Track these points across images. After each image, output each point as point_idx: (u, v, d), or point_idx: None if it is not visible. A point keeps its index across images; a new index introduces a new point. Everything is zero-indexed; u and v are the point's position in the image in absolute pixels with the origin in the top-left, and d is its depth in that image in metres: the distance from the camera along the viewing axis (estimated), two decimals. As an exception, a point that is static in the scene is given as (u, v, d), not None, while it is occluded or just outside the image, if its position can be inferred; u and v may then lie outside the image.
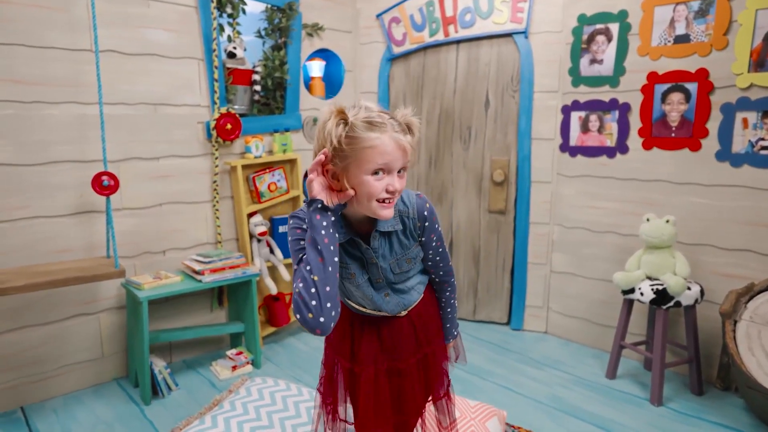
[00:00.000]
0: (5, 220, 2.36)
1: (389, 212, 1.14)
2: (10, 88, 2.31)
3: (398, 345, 1.34)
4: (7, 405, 2.44)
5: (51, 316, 2.54)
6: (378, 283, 1.29)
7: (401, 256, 1.27)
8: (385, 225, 1.22)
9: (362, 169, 1.09)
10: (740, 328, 2.27)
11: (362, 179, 1.09)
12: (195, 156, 2.93)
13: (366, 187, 1.10)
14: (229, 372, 2.83)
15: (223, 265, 2.77)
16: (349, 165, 1.09)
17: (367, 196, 1.11)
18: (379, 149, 1.07)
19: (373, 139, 1.07)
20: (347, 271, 1.25)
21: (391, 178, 1.12)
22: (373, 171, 1.09)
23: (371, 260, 1.25)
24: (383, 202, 1.12)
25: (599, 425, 2.38)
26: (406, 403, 1.35)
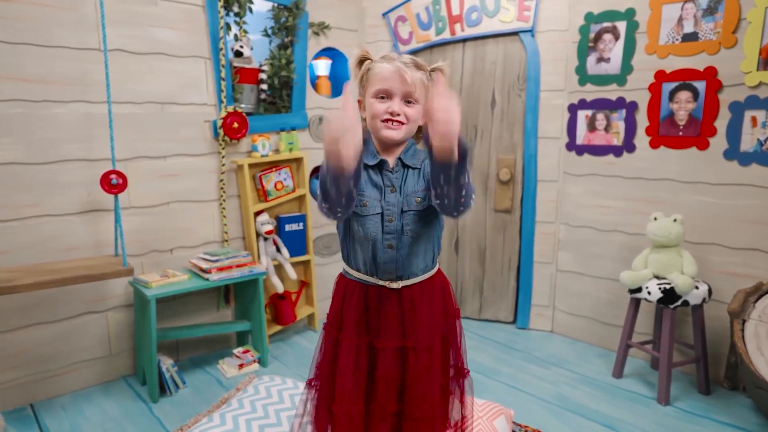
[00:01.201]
0: (15, 218, 2.37)
1: (392, 133, 1.29)
2: (19, 86, 2.32)
3: (378, 323, 1.33)
4: (16, 402, 2.46)
5: (60, 314, 2.56)
6: (389, 222, 1.31)
7: (412, 191, 1.33)
8: (408, 158, 1.35)
9: (369, 92, 1.30)
10: (749, 328, 2.26)
11: (369, 101, 1.30)
12: (202, 155, 2.94)
13: (371, 108, 1.29)
14: (236, 370, 2.84)
15: (230, 263, 2.78)
16: (365, 91, 1.32)
17: (372, 115, 1.29)
18: (380, 75, 1.28)
19: (378, 66, 1.29)
20: (361, 199, 1.30)
21: (392, 102, 1.27)
22: (376, 94, 1.28)
23: (390, 187, 1.32)
24: (386, 122, 1.28)
25: (606, 424, 2.38)
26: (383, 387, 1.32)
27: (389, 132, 1.29)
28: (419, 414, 1.32)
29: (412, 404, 1.32)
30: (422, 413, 1.32)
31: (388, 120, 1.27)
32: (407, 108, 1.28)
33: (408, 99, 1.28)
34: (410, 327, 1.34)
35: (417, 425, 1.33)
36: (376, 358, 1.33)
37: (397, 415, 1.34)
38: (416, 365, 1.33)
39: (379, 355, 1.33)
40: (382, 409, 1.32)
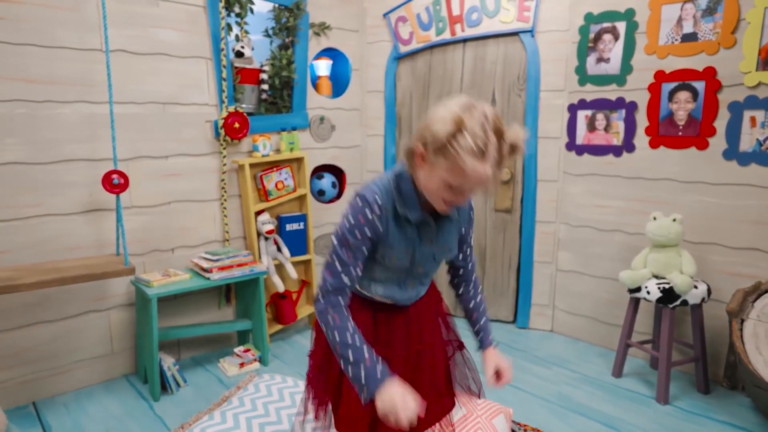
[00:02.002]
0: (17, 218, 2.39)
1: (446, 211, 1.23)
2: (22, 87, 2.34)
3: (391, 335, 1.37)
4: (19, 400, 2.48)
5: (62, 313, 2.57)
6: (418, 270, 1.31)
7: (446, 242, 1.32)
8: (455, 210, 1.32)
9: (445, 174, 1.12)
10: (747, 327, 2.27)
11: (440, 179, 1.14)
12: (203, 155, 2.95)
13: (438, 187, 1.15)
14: (237, 369, 2.85)
15: (231, 263, 2.80)
16: (439, 162, 1.12)
17: (435, 193, 1.17)
18: (468, 176, 1.10)
19: (469, 164, 1.09)
20: (390, 252, 1.25)
21: (461, 196, 1.17)
22: (451, 185, 1.14)
23: (429, 241, 1.28)
24: (443, 204, 1.19)
25: (606, 423, 2.39)
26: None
27: (442, 210, 1.22)
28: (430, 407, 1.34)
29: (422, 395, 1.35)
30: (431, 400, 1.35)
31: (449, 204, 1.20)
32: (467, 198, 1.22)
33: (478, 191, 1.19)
34: (416, 333, 1.40)
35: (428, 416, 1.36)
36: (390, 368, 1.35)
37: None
38: (422, 363, 1.40)
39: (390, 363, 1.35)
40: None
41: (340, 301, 1.23)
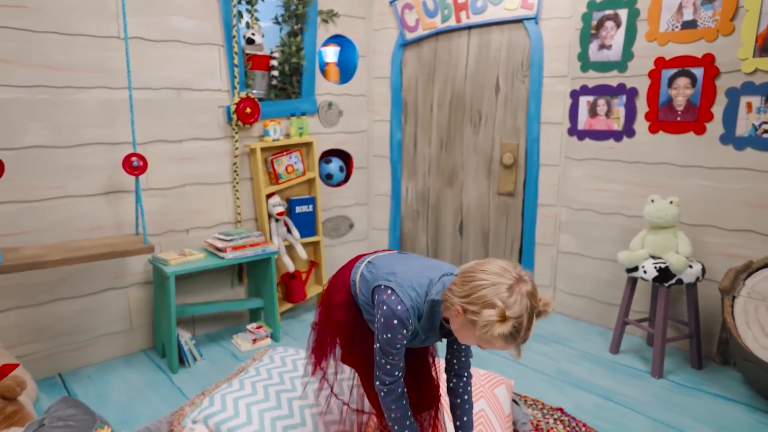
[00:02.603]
0: (42, 198, 2.50)
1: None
2: (44, 73, 2.44)
3: None
4: (46, 372, 2.61)
5: (83, 290, 2.70)
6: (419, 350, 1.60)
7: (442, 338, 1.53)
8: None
9: (476, 339, 1.28)
10: (738, 304, 2.37)
11: (472, 337, 1.29)
12: (216, 139, 3.05)
13: (470, 340, 1.33)
14: (250, 344, 2.98)
15: (244, 243, 2.91)
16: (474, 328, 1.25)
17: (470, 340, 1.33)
18: (496, 347, 1.27)
19: (499, 345, 1.25)
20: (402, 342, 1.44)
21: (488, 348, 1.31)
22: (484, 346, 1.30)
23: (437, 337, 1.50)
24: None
25: (602, 396, 2.51)
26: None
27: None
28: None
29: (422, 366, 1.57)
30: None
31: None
32: None
33: None
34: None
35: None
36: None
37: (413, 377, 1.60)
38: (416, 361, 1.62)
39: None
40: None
41: (400, 393, 1.47)
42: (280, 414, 1.98)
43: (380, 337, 1.40)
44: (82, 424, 1.70)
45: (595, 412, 2.37)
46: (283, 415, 1.98)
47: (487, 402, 2.10)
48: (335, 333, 1.65)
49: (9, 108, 2.36)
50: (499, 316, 1.19)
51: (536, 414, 2.34)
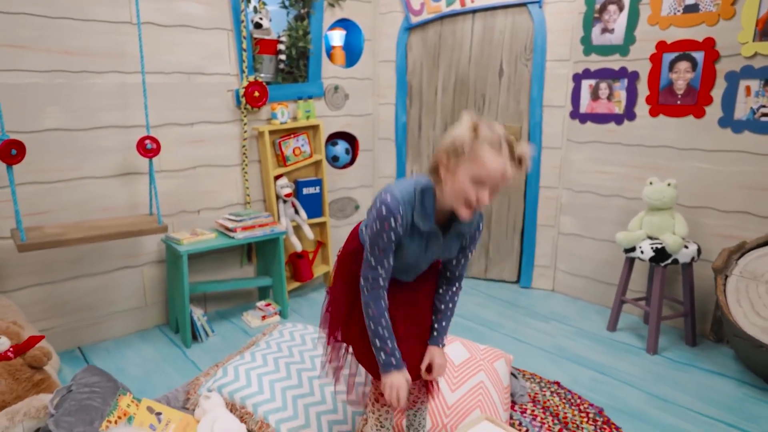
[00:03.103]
0: (60, 180, 2.60)
1: (469, 216, 1.35)
2: (60, 58, 2.52)
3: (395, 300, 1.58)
4: (67, 345, 2.75)
5: (101, 268, 2.81)
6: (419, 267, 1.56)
7: (448, 249, 1.52)
8: (463, 227, 1.47)
9: (468, 173, 1.29)
10: (730, 283, 2.45)
11: (464, 180, 1.30)
12: (225, 122, 3.13)
13: (463, 188, 1.30)
14: (259, 321, 3.10)
15: (253, 223, 3.01)
16: (460, 165, 1.30)
17: (460, 194, 1.32)
18: (488, 166, 1.27)
19: (489, 156, 1.27)
20: (401, 252, 1.47)
21: (484, 192, 1.30)
22: (474, 179, 1.29)
23: (434, 247, 1.48)
24: (468, 206, 1.33)
25: (597, 370, 2.61)
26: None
27: (465, 214, 1.35)
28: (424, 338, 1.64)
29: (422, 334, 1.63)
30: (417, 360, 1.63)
31: (471, 206, 1.32)
32: (490, 197, 1.33)
33: (495, 189, 1.32)
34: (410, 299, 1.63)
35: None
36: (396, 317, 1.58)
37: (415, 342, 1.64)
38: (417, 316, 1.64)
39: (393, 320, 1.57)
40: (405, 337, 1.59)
41: (380, 294, 1.47)
42: (289, 384, 2.10)
43: (370, 231, 1.42)
44: (105, 390, 1.82)
45: (591, 386, 2.48)
46: (292, 385, 2.10)
47: (486, 374, 2.21)
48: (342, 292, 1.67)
49: (28, 92, 2.44)
50: (472, 127, 1.29)
51: (534, 387, 2.45)
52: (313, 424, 1.97)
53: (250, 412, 1.99)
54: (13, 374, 2.00)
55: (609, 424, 2.18)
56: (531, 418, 2.22)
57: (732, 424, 2.19)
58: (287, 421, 1.96)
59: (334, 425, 2.00)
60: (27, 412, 1.79)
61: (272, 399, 2.02)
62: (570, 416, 2.23)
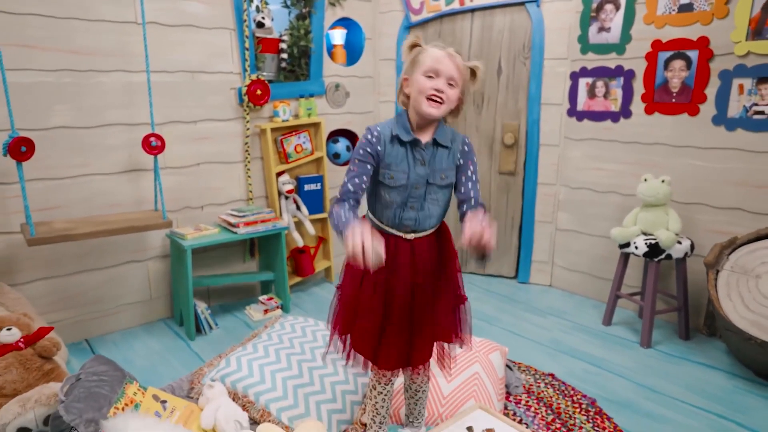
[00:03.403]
0: (67, 176, 2.67)
1: (434, 110, 1.48)
2: (68, 58, 2.58)
3: (395, 263, 1.60)
4: (74, 337, 2.82)
5: (107, 262, 2.89)
6: (415, 189, 1.55)
7: (439, 168, 1.56)
8: (440, 137, 1.55)
9: (419, 70, 1.48)
10: (721, 277, 2.51)
11: (417, 78, 1.49)
12: (228, 120, 3.20)
13: (419, 84, 1.48)
14: (261, 315, 3.17)
15: (255, 219, 3.08)
16: (415, 71, 1.49)
17: (419, 90, 1.48)
18: (433, 56, 1.47)
19: (434, 50, 1.48)
20: (388, 173, 1.54)
21: (439, 81, 1.47)
22: (425, 72, 1.47)
23: (420, 161, 1.54)
24: (430, 99, 1.47)
25: (591, 363, 2.67)
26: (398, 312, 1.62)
27: (431, 109, 1.47)
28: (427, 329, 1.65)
29: (417, 323, 1.64)
30: (429, 329, 1.64)
31: (433, 97, 1.47)
32: (449, 89, 1.48)
33: (450, 82, 1.48)
34: (418, 269, 1.64)
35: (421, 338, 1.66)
36: (393, 291, 1.62)
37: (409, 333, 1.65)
38: (422, 297, 1.65)
39: (395, 289, 1.62)
40: (398, 327, 1.63)
41: (343, 204, 1.51)
42: (290, 374, 2.17)
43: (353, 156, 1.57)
44: (113, 379, 1.89)
45: (584, 377, 2.54)
46: (293, 375, 2.17)
47: (481, 366, 2.27)
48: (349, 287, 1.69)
49: (36, 91, 2.51)
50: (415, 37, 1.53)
51: (528, 378, 2.51)
52: (313, 412, 2.04)
53: (252, 400, 2.06)
54: (24, 364, 2.08)
55: (600, 414, 2.24)
56: (525, 409, 2.28)
57: (721, 414, 2.25)
58: (287, 410, 2.03)
59: (333, 414, 2.07)
60: (38, 399, 1.86)
61: (273, 388, 2.09)
62: (563, 406, 2.29)
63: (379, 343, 1.63)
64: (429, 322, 1.66)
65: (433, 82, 1.47)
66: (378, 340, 1.62)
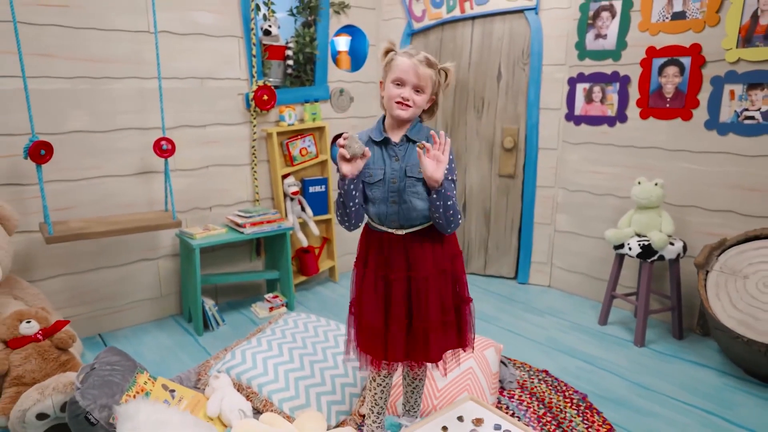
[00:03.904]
0: (82, 178, 2.81)
1: (401, 113, 1.63)
2: (84, 65, 2.72)
3: (390, 259, 1.70)
4: (88, 332, 2.95)
5: (120, 260, 3.02)
6: (392, 184, 1.66)
7: (414, 162, 1.65)
8: (412, 134, 1.68)
9: (389, 78, 1.65)
10: (711, 278, 2.58)
11: (389, 86, 1.64)
12: (236, 124, 3.32)
13: (388, 91, 1.64)
14: (267, 312, 3.28)
15: (261, 219, 3.19)
16: (386, 79, 1.66)
17: (388, 97, 1.64)
18: (399, 67, 1.61)
19: (401, 59, 1.62)
20: (367, 171, 1.65)
21: (405, 89, 1.61)
22: (394, 81, 1.62)
23: (394, 158, 1.67)
24: (398, 104, 1.62)
25: (585, 360, 2.75)
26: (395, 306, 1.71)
27: (399, 111, 1.63)
28: (420, 325, 1.71)
29: (416, 318, 1.72)
30: (423, 324, 1.71)
31: (400, 102, 1.62)
32: (415, 95, 1.62)
33: (417, 89, 1.62)
34: (412, 263, 1.72)
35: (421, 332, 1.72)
36: (390, 287, 1.72)
37: (407, 326, 1.73)
38: (417, 290, 1.73)
39: (392, 284, 1.72)
40: (398, 322, 1.71)
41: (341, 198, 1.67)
42: (292, 367, 2.27)
43: None
44: (125, 369, 2.01)
45: (577, 374, 2.62)
46: (295, 368, 2.27)
47: (475, 361, 2.36)
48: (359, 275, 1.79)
49: (54, 97, 2.65)
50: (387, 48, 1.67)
51: (523, 374, 2.59)
52: (314, 403, 2.15)
53: (255, 391, 2.17)
54: (42, 354, 2.21)
55: (591, 408, 2.32)
56: (518, 403, 2.37)
57: (709, 410, 2.32)
58: (289, 401, 2.13)
59: (333, 405, 2.18)
60: (55, 387, 1.99)
61: (276, 380, 2.20)
62: (555, 401, 2.38)
63: (386, 338, 1.72)
64: (426, 315, 1.72)
65: (399, 90, 1.62)
66: (384, 336, 1.72)
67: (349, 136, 1.55)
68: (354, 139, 1.55)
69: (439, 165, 1.56)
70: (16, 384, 2.12)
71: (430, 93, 1.67)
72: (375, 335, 1.73)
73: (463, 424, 1.82)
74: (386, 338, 1.73)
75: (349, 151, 1.55)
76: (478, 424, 1.82)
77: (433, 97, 1.70)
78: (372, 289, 1.73)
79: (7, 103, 2.52)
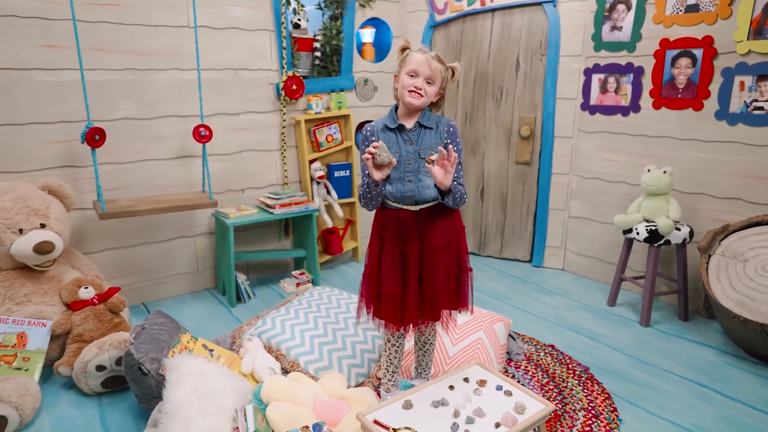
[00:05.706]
0: (130, 161, 3.09)
1: (413, 100, 1.83)
2: (132, 58, 2.98)
3: (405, 233, 1.92)
4: (133, 301, 3.26)
5: (161, 237, 3.30)
6: (408, 165, 1.88)
7: (427, 145, 1.87)
8: (424, 120, 1.88)
9: (404, 70, 1.86)
10: (713, 261, 2.70)
11: (404, 77, 1.85)
12: (267, 112, 3.56)
13: (403, 81, 1.85)
14: (294, 287, 3.53)
15: (290, 201, 3.43)
16: (401, 72, 1.87)
17: (402, 86, 1.85)
18: (413, 60, 1.83)
19: (415, 55, 1.84)
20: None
21: (418, 80, 1.83)
22: (408, 72, 1.84)
23: (408, 141, 1.88)
24: (410, 92, 1.83)
25: (590, 337, 2.92)
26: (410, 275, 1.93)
27: (411, 99, 1.83)
28: (429, 290, 1.95)
29: (425, 284, 1.94)
30: (431, 289, 1.94)
31: (413, 91, 1.83)
32: (427, 86, 1.84)
33: (429, 80, 1.84)
34: (424, 236, 1.95)
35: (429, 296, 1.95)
36: (406, 258, 1.94)
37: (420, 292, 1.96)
38: (428, 260, 1.95)
39: (408, 255, 1.94)
40: (412, 288, 1.94)
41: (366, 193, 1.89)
42: (317, 333, 2.51)
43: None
44: (171, 329, 2.28)
45: (582, 349, 2.79)
46: (319, 334, 2.51)
47: (484, 333, 2.56)
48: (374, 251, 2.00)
49: (105, 88, 2.92)
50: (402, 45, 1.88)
51: (530, 348, 2.78)
52: (335, 365, 2.39)
53: (283, 353, 2.42)
54: (98, 316, 2.50)
55: (592, 379, 2.50)
56: (524, 372, 2.56)
57: (703, 384, 2.47)
58: (313, 363, 2.38)
59: (353, 368, 2.41)
60: (111, 343, 2.28)
61: (302, 344, 2.44)
62: (558, 372, 2.56)
63: (403, 302, 1.94)
64: (434, 281, 1.95)
65: (413, 80, 1.83)
66: (402, 302, 1.94)
67: (378, 146, 1.74)
68: (383, 148, 1.73)
69: (447, 174, 1.77)
70: (77, 341, 2.42)
71: (439, 87, 1.88)
72: (394, 302, 1.96)
73: (468, 384, 2.02)
74: (403, 303, 1.96)
75: (378, 159, 1.73)
76: (482, 385, 2.02)
77: (441, 91, 1.91)
78: (390, 261, 1.95)
79: (65, 93, 2.80)
